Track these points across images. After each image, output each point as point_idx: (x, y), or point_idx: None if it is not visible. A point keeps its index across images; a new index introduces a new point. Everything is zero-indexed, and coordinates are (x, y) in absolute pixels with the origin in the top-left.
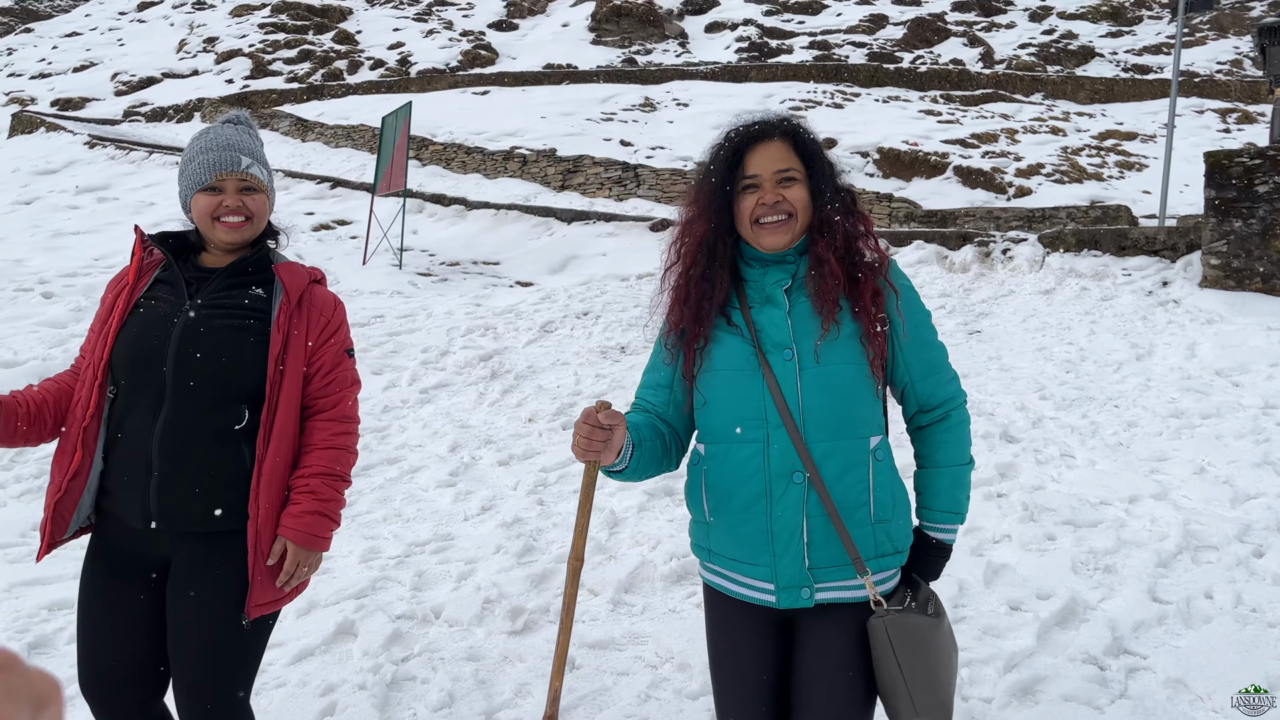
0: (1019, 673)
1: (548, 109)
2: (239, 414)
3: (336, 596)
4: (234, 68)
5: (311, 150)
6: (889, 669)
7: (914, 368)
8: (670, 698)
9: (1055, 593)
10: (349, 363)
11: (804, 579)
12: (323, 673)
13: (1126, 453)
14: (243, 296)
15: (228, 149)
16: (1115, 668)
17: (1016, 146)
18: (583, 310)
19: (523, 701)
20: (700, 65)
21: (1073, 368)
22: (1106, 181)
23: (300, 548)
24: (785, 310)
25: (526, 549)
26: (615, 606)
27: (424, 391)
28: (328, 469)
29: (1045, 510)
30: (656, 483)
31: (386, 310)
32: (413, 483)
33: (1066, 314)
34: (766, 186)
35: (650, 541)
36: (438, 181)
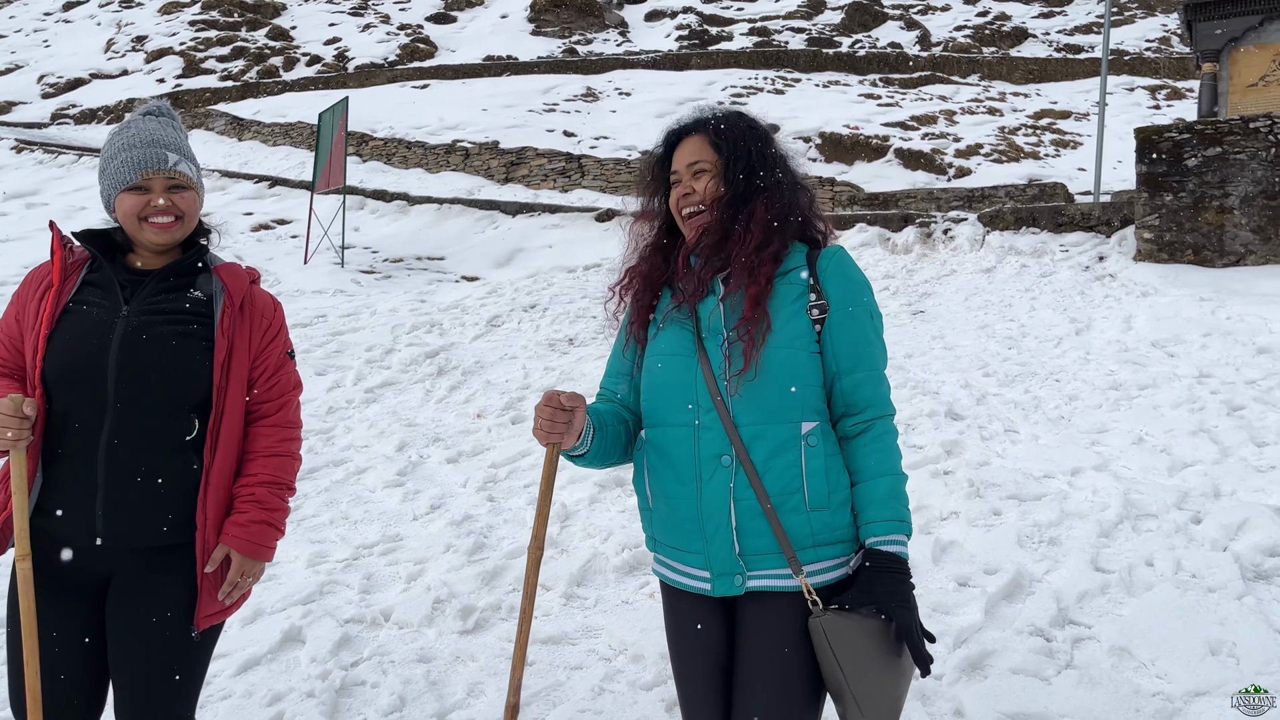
0: (968, 648)
1: (489, 101)
2: (189, 424)
3: (283, 603)
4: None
5: (249, 149)
6: (831, 671)
7: (841, 358)
8: (624, 690)
9: (1002, 567)
10: (290, 365)
11: (735, 565)
12: (269, 682)
13: (1068, 426)
14: (182, 300)
15: (152, 145)
16: (1061, 638)
17: (955, 128)
18: (530, 303)
19: (475, 701)
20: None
21: (1014, 344)
22: (1043, 160)
23: (245, 557)
24: (719, 297)
25: (477, 546)
26: (568, 600)
27: (369, 391)
28: (273, 477)
29: (991, 486)
30: (608, 474)
31: (329, 309)
32: (359, 484)
33: (1007, 291)
34: (685, 180)
35: (602, 533)
36: (379, 177)
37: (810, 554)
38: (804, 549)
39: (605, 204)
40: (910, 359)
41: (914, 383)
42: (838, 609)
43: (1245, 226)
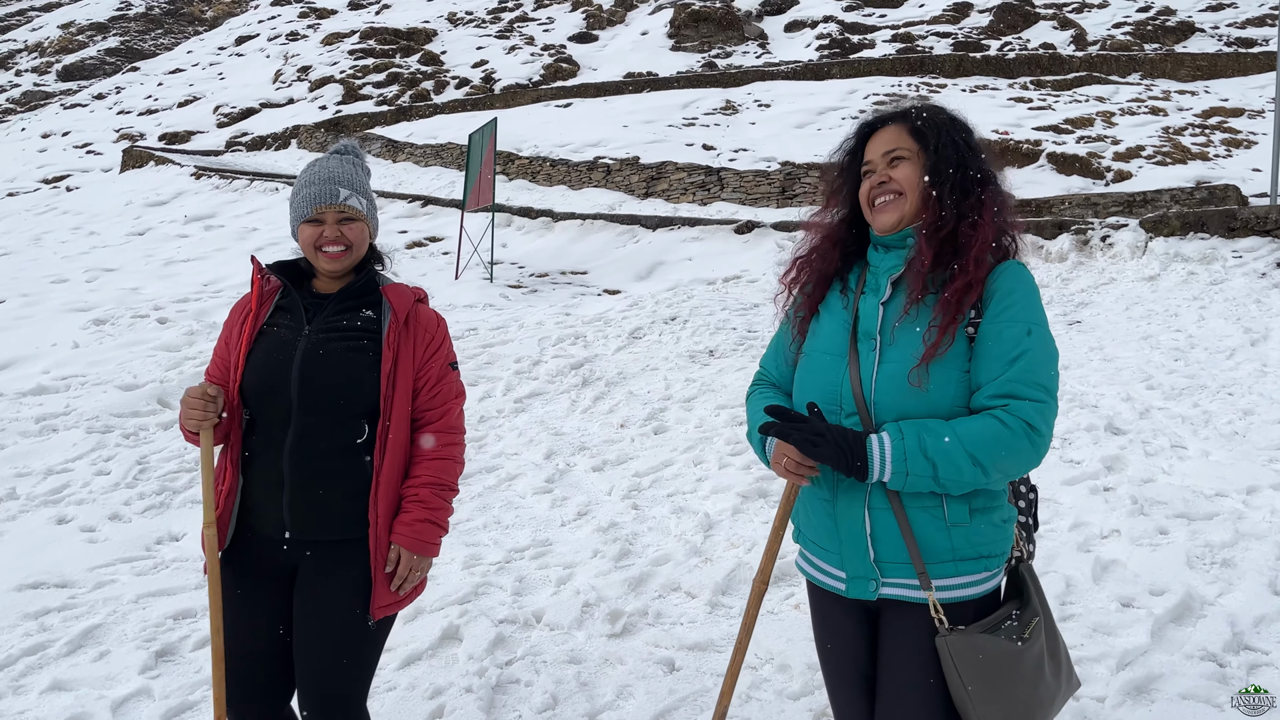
0: (1132, 671)
1: (629, 117)
2: (359, 429)
3: (441, 602)
4: (327, 94)
5: (402, 170)
6: (956, 690)
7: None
8: (771, 698)
9: (1169, 588)
10: (453, 375)
11: (870, 571)
12: (430, 676)
13: (1243, 442)
14: (355, 319)
15: (328, 182)
16: (1235, 664)
17: (1114, 130)
18: (670, 315)
19: (624, 703)
20: (781, 65)
21: (1181, 355)
22: (1212, 161)
23: (411, 553)
24: (881, 299)
25: (623, 553)
26: (713, 609)
27: (518, 401)
28: (436, 479)
29: (1156, 503)
30: (750, 485)
31: (479, 323)
32: (510, 490)
33: (1173, 300)
34: (878, 169)
35: (745, 544)
36: (524, 195)
37: (949, 568)
38: (942, 563)
39: (744, 216)
40: (1066, 371)
41: (1071, 395)
42: (965, 629)
43: None
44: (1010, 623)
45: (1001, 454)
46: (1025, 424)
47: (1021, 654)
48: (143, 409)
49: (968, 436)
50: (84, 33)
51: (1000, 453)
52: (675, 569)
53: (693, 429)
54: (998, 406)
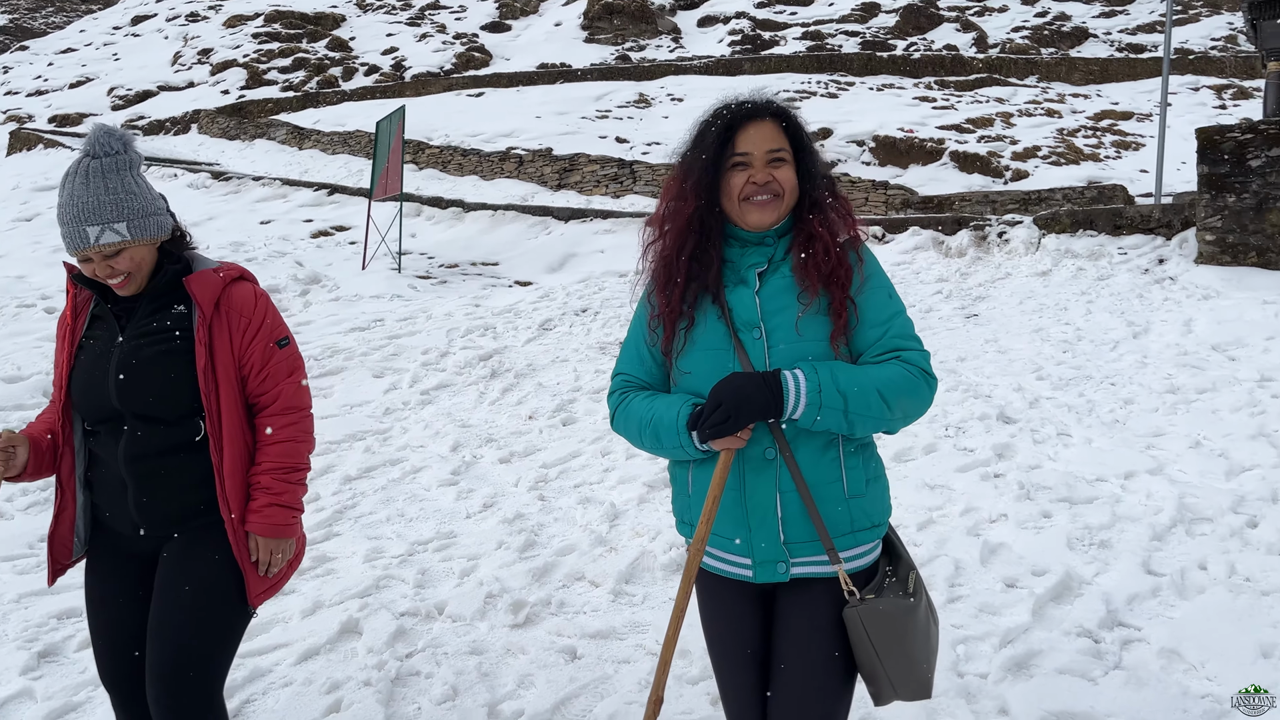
0: (1014, 648)
1: (542, 108)
2: (194, 427)
3: (341, 596)
4: (229, 78)
5: (309, 158)
6: (866, 655)
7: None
8: (671, 683)
9: (1050, 569)
10: (283, 353)
11: (780, 554)
12: (328, 671)
13: (1123, 429)
14: (165, 318)
15: (75, 222)
16: (1110, 640)
17: (1012, 130)
18: (581, 307)
19: (525, 692)
20: (694, 60)
21: (1070, 347)
22: (1103, 162)
23: (267, 539)
24: (754, 290)
25: (528, 544)
26: (616, 597)
27: (425, 393)
28: (277, 464)
29: (1041, 488)
30: (657, 474)
31: (386, 314)
32: (415, 483)
33: (1063, 294)
34: (757, 165)
35: (650, 532)
36: (435, 184)
37: (849, 540)
38: (842, 535)
39: None
40: (963, 362)
41: (966, 386)
42: (875, 596)
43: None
44: (890, 579)
45: (905, 394)
46: (921, 370)
47: (915, 609)
48: (27, 402)
49: (875, 375)
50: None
51: (904, 393)
52: (580, 559)
53: (601, 420)
54: (890, 359)
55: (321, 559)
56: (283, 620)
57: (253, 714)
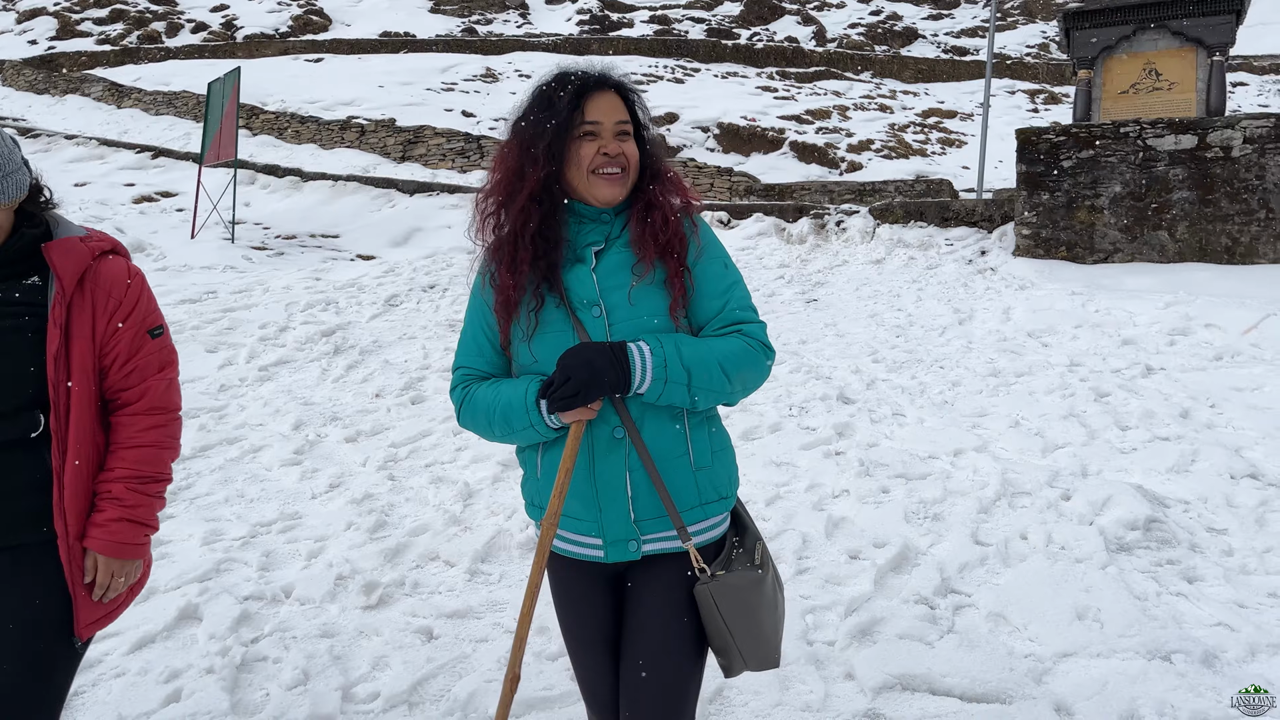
0: (858, 616)
1: (386, 78)
2: (32, 421)
3: (177, 581)
4: (37, 27)
5: (129, 117)
6: (717, 629)
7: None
8: (530, 660)
9: (890, 541)
10: (155, 344)
11: (630, 532)
12: (165, 659)
13: (951, 410)
14: (14, 289)
15: None
16: (944, 606)
17: (848, 123)
18: (429, 283)
19: (380, 674)
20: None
21: (902, 332)
22: (930, 157)
23: (111, 559)
24: (591, 267)
25: (379, 524)
26: (472, 576)
27: (263, 369)
28: (134, 470)
29: (879, 465)
30: (510, 453)
31: (219, 285)
32: (255, 462)
33: (896, 282)
34: (607, 137)
35: (505, 511)
36: (270, 152)
37: (697, 513)
38: (690, 509)
39: None
40: (804, 345)
41: (808, 368)
42: (725, 571)
43: (1114, 225)
44: (737, 551)
45: (745, 367)
46: (760, 342)
47: (762, 581)
48: None
49: (717, 348)
50: None
51: (744, 365)
52: (434, 539)
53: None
54: (731, 332)
55: (155, 542)
56: (89, 645)
57: (82, 707)
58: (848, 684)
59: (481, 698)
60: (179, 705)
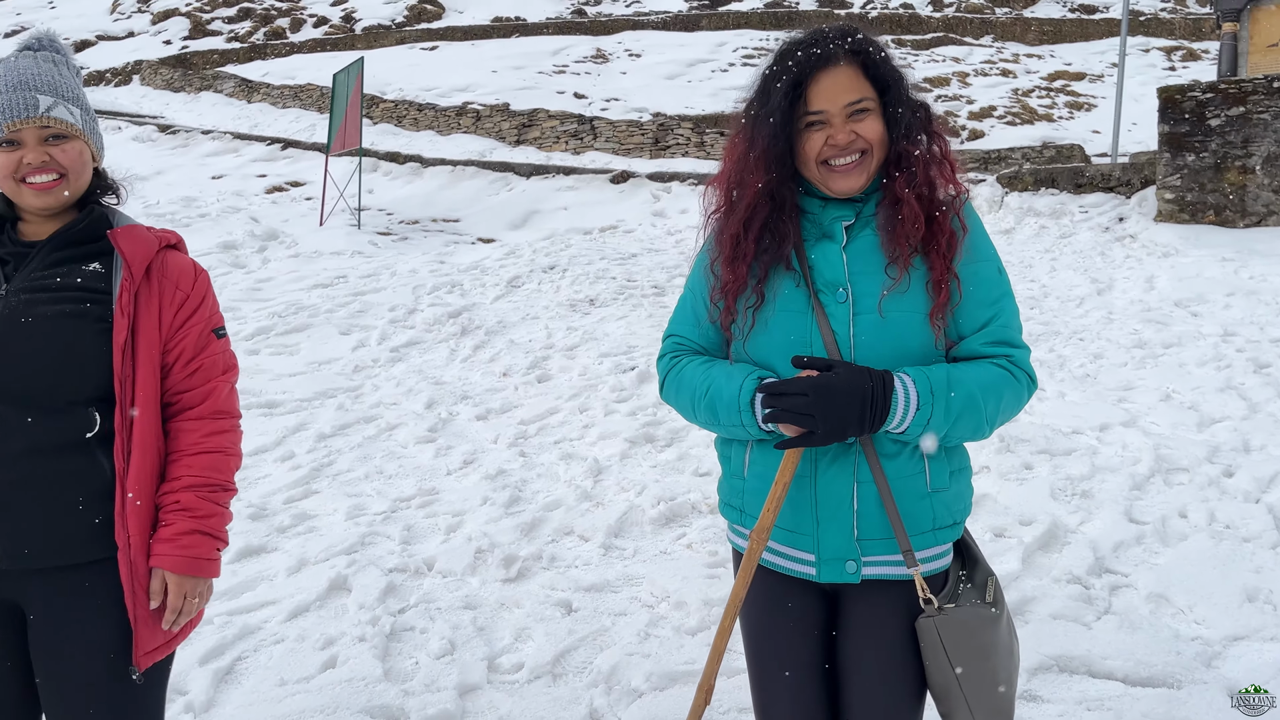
0: (1007, 595)
1: (498, 63)
2: (87, 419)
3: (326, 553)
4: (171, 28)
5: (258, 111)
6: (941, 670)
7: (966, 320)
8: (670, 634)
9: (1036, 518)
10: (219, 345)
11: (850, 551)
12: (320, 627)
13: (1094, 383)
14: (75, 274)
15: (20, 88)
16: (1099, 586)
17: (968, 90)
18: (549, 264)
19: (523, 645)
20: (651, 15)
21: (1037, 304)
22: (1057, 122)
23: (184, 576)
24: (841, 245)
25: (513, 499)
26: (606, 551)
27: (394, 350)
28: (203, 478)
29: (1021, 441)
30: (637, 430)
31: (349, 270)
32: (391, 440)
33: (1027, 252)
34: (836, 124)
35: (636, 487)
36: (390, 140)
37: (928, 539)
38: (922, 533)
39: (619, 166)
40: None
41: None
42: (954, 605)
43: (1268, 187)
44: (965, 586)
45: (1009, 410)
46: (1028, 376)
47: (997, 621)
48: None
49: (990, 392)
50: None
51: (1009, 410)
52: (567, 514)
53: (577, 377)
54: (999, 355)
55: (302, 516)
56: (267, 578)
57: (246, 671)
58: None
59: (623, 671)
60: (335, 671)
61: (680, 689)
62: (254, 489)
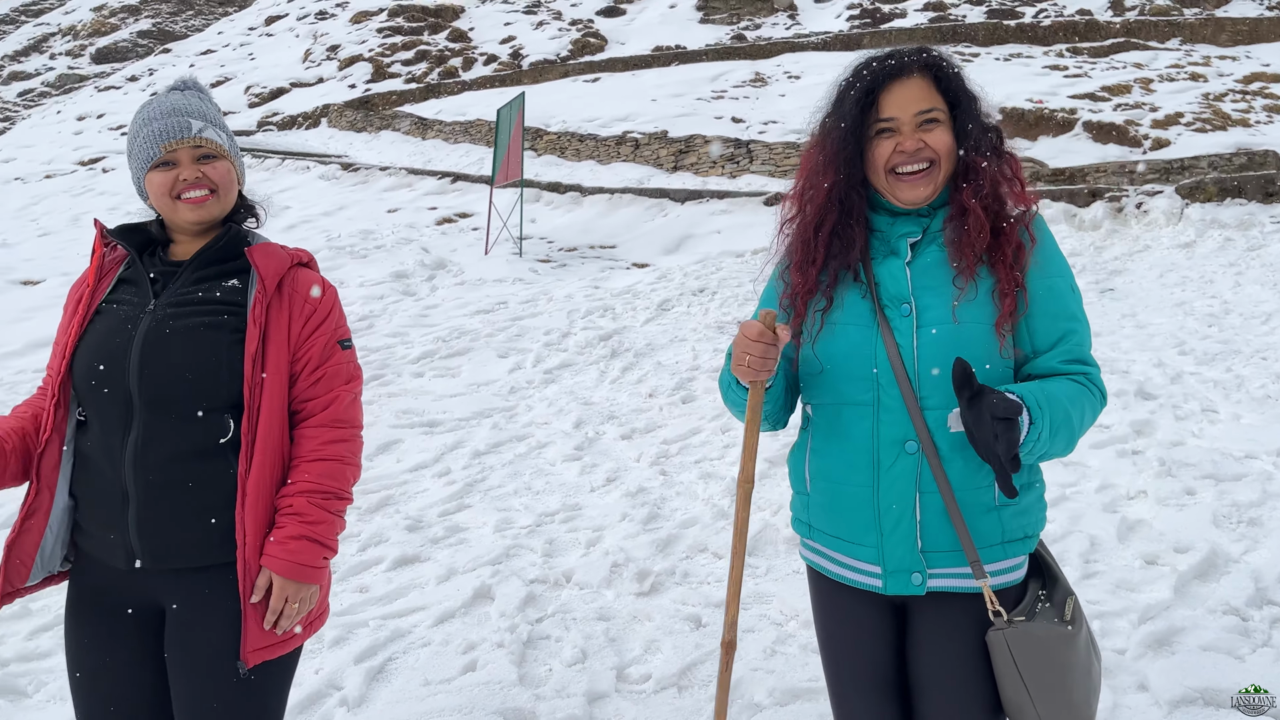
0: (1154, 624)
1: (657, 91)
2: (223, 425)
3: (473, 564)
4: (356, 73)
5: (431, 148)
6: (1013, 686)
7: (1039, 335)
8: (796, 652)
9: (1194, 546)
10: (343, 355)
11: (915, 563)
12: (464, 632)
13: (1276, 405)
14: (215, 289)
15: (174, 115)
16: (1259, 618)
17: (1152, 96)
18: (699, 288)
19: (652, 657)
20: (810, 36)
21: (1215, 321)
22: (1253, 128)
23: (287, 580)
24: (905, 260)
25: (651, 516)
26: None
27: (548, 372)
28: (317, 485)
29: (1184, 465)
30: (776, 450)
31: (509, 296)
32: (540, 458)
33: (1208, 266)
34: (905, 131)
35: (772, 506)
36: (553, 170)
37: (997, 552)
38: (990, 547)
39: (774, 188)
40: (1097, 338)
41: (1101, 361)
42: (1026, 618)
43: None
44: (1044, 605)
45: (1090, 421)
46: (1100, 391)
47: (1074, 639)
48: None
49: (1077, 409)
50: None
51: (1090, 420)
52: (702, 531)
53: (720, 398)
54: (1077, 373)
55: (454, 529)
56: (419, 585)
57: (395, 671)
58: (1139, 695)
59: (747, 685)
60: (474, 674)
61: (801, 705)
62: (413, 502)
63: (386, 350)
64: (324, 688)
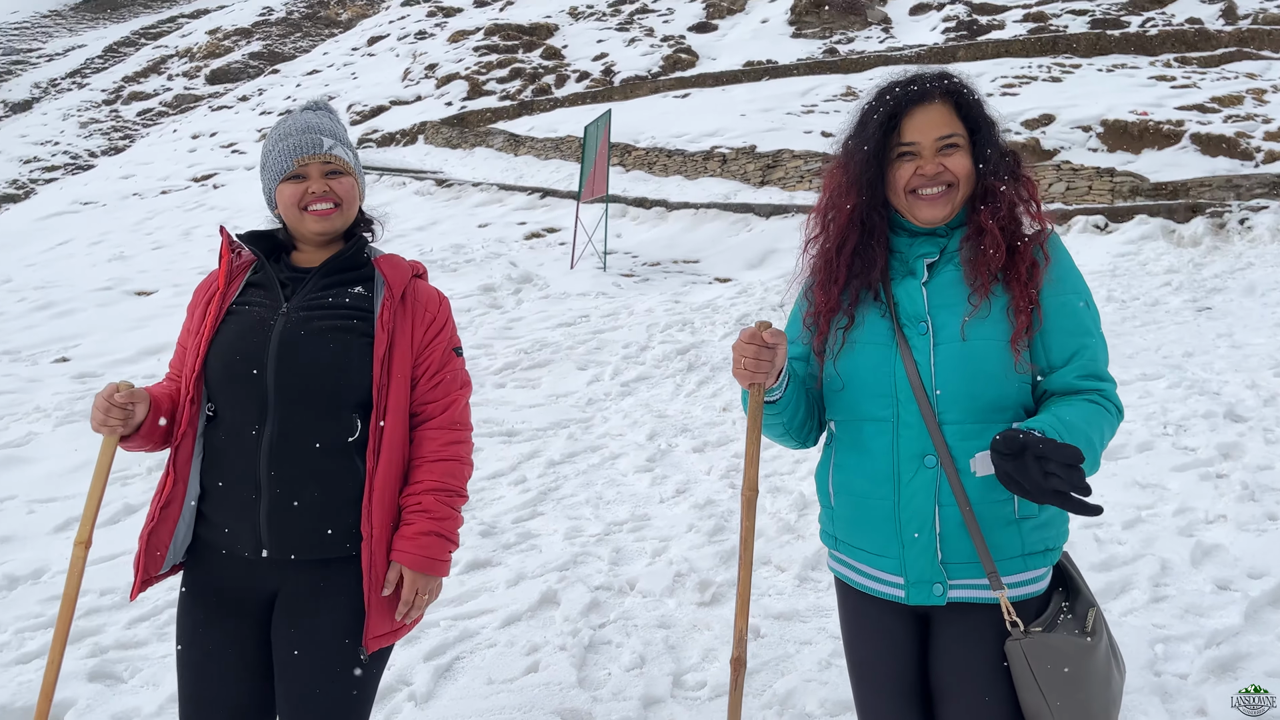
0: (1220, 649)
1: (747, 106)
2: (351, 424)
3: (542, 569)
4: (452, 91)
5: (523, 164)
6: (1031, 696)
7: (1054, 351)
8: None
9: (1270, 572)
10: (458, 362)
11: (936, 574)
12: (528, 635)
13: None
14: (343, 295)
15: (308, 132)
16: None
17: (1265, 108)
18: (778, 303)
19: (709, 665)
20: (904, 49)
21: None
22: None
23: (418, 573)
24: (921, 281)
25: (717, 529)
26: (801, 582)
27: (625, 384)
28: (442, 484)
29: (1269, 490)
30: None
31: (591, 310)
32: (613, 468)
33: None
34: (926, 155)
35: None
36: (640, 186)
37: (1017, 564)
38: (1009, 559)
39: None
40: (1189, 358)
41: (1190, 382)
42: (1042, 630)
43: None
44: (1065, 616)
45: (1108, 439)
46: (1116, 407)
47: (1093, 650)
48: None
49: (1095, 427)
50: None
51: (1108, 439)
52: (767, 544)
53: None
54: (1091, 390)
55: (526, 535)
56: (489, 589)
57: (462, 670)
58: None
59: (799, 696)
60: (536, 675)
61: (851, 717)
62: (488, 509)
63: (471, 361)
64: (394, 683)
